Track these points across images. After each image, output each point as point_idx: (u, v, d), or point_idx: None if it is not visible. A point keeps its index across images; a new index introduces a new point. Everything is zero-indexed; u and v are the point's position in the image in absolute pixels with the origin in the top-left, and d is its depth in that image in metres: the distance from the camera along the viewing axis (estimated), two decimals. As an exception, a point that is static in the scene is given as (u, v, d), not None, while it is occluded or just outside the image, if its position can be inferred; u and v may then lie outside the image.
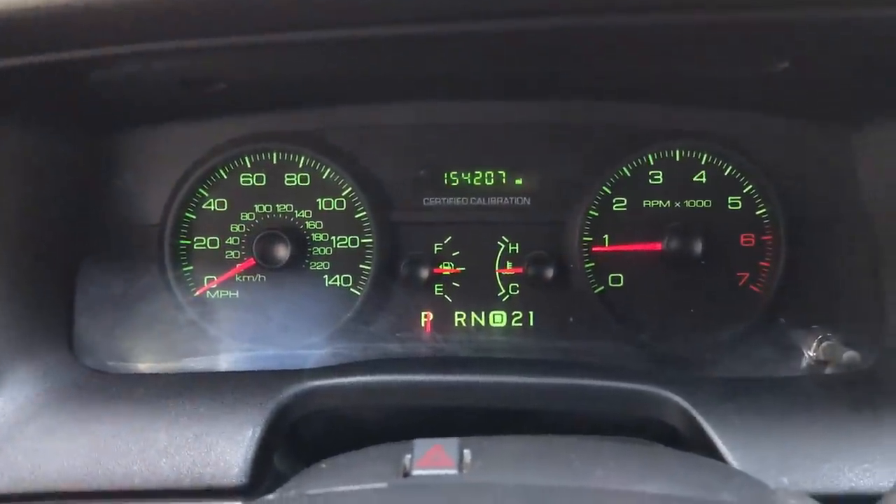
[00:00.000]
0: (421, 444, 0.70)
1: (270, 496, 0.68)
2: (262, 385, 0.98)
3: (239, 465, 0.86)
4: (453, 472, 0.64)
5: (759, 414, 0.95)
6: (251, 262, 1.19)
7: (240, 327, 1.20)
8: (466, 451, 0.68)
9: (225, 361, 1.17)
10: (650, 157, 1.20)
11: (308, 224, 1.21)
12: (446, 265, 1.22)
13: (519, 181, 1.22)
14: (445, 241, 1.23)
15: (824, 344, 1.06)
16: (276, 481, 0.86)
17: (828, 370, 1.07)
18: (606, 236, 1.21)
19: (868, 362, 1.06)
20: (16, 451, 0.91)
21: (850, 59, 0.97)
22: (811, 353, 1.08)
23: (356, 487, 0.62)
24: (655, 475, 0.66)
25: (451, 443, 0.70)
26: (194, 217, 1.21)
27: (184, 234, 1.21)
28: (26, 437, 0.92)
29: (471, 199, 1.22)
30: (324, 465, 0.73)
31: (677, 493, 0.62)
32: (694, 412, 0.95)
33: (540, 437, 0.78)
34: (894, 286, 1.09)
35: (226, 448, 0.88)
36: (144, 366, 1.15)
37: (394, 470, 0.66)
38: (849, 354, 1.02)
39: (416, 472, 0.65)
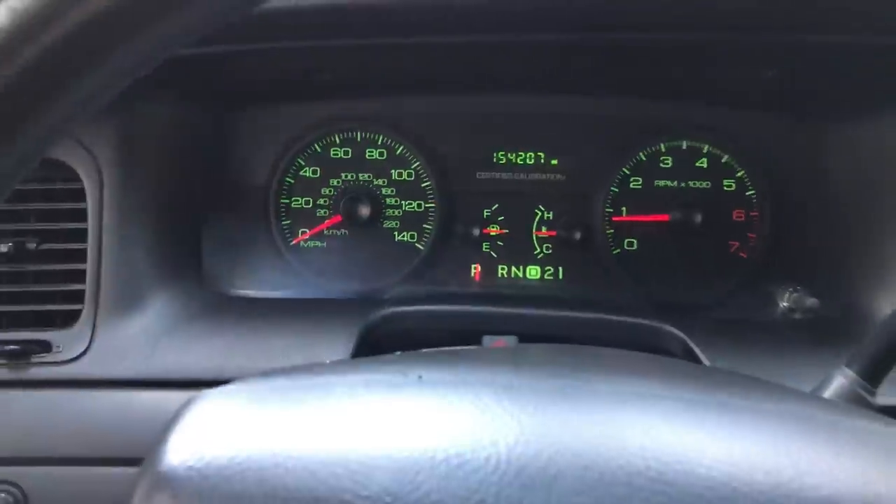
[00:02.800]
0: (486, 340, 0.90)
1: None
2: (353, 309, 1.18)
3: (339, 368, 1.05)
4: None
5: (743, 346, 1.13)
6: (338, 218, 1.36)
7: (328, 269, 1.37)
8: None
9: (317, 294, 1.35)
10: (662, 145, 1.35)
11: (383, 190, 1.37)
12: (493, 227, 1.38)
13: (555, 161, 1.38)
14: (493, 208, 1.38)
15: (794, 295, 1.22)
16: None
17: (797, 316, 1.23)
18: (624, 208, 1.36)
19: (833, 312, 1.23)
20: (165, 351, 1.09)
21: (826, 72, 1.15)
22: (784, 303, 1.25)
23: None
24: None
25: (511, 339, 0.90)
26: (293, 181, 1.38)
27: (284, 194, 1.38)
28: (173, 341, 1.11)
29: (515, 174, 1.37)
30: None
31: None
32: (691, 343, 1.13)
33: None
34: (855, 254, 1.25)
35: (328, 355, 1.06)
36: (257, 293, 1.33)
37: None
38: (811, 301, 1.18)
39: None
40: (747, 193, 1.35)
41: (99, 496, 0.99)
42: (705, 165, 1.36)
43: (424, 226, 1.38)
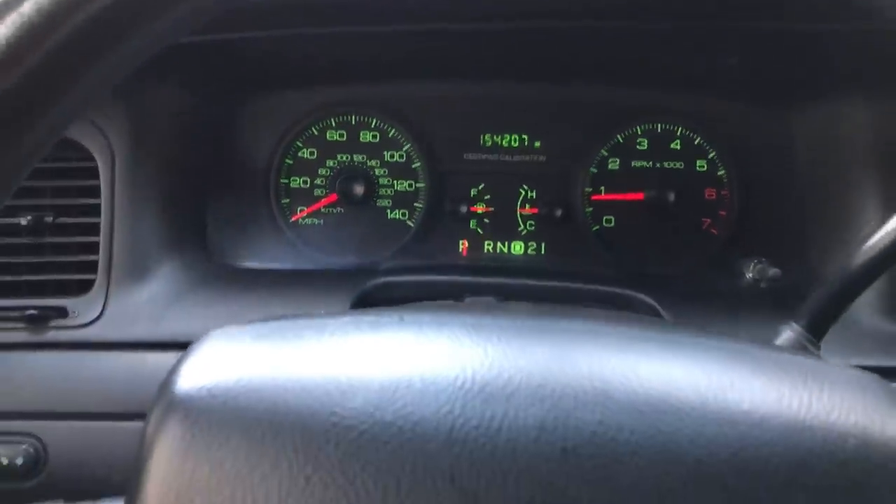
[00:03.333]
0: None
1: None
2: (348, 279, 1.24)
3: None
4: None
5: (709, 311, 1.20)
6: (334, 197, 1.42)
7: (325, 244, 1.43)
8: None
9: (315, 266, 1.40)
10: (638, 128, 1.41)
11: (376, 171, 1.43)
12: (480, 205, 1.43)
13: (538, 144, 1.43)
14: (480, 187, 1.43)
15: (758, 266, 1.28)
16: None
17: (762, 285, 1.28)
18: (603, 187, 1.41)
19: (795, 281, 1.29)
20: (173, 317, 1.15)
21: (785, 59, 1.21)
22: (750, 274, 1.31)
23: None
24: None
25: (489, 300, 0.97)
26: (292, 162, 1.43)
27: (284, 174, 1.43)
28: (180, 307, 1.17)
29: (500, 156, 1.43)
30: None
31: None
32: (660, 310, 1.20)
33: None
34: (816, 227, 1.32)
35: (326, 320, 1.12)
36: (259, 265, 1.38)
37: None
38: (773, 271, 1.24)
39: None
40: (718, 173, 1.41)
41: (111, 446, 1.05)
42: (679, 147, 1.41)
43: (415, 204, 1.43)
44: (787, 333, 0.85)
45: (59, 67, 0.40)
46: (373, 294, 1.21)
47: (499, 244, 1.45)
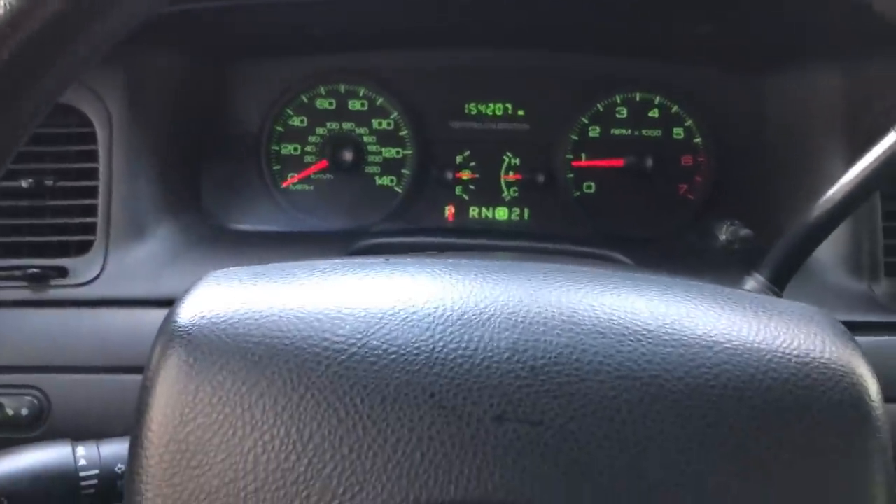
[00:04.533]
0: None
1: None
2: (339, 240, 1.29)
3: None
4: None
5: (681, 270, 1.24)
6: (324, 163, 1.45)
7: (315, 210, 1.46)
8: None
9: (306, 229, 1.44)
10: (617, 97, 1.44)
11: (365, 138, 1.46)
12: (465, 172, 1.47)
13: (521, 112, 1.46)
14: (465, 154, 1.47)
15: (731, 228, 1.32)
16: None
17: (736, 246, 1.33)
18: (584, 154, 1.45)
19: (766, 242, 1.33)
20: (169, 275, 1.20)
21: (756, 27, 1.26)
22: (723, 236, 1.36)
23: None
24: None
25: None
26: (282, 129, 1.46)
27: (274, 141, 1.46)
28: (176, 266, 1.21)
29: (485, 124, 1.46)
30: None
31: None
32: (634, 266, 1.25)
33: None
34: (784, 193, 1.37)
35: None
36: (251, 227, 1.42)
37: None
38: (745, 232, 1.29)
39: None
40: (695, 141, 1.45)
41: (109, 398, 1.10)
42: (657, 115, 1.45)
43: (402, 171, 1.47)
44: (751, 283, 0.90)
45: (40, 45, 0.42)
46: (362, 254, 1.26)
47: (484, 210, 1.48)
